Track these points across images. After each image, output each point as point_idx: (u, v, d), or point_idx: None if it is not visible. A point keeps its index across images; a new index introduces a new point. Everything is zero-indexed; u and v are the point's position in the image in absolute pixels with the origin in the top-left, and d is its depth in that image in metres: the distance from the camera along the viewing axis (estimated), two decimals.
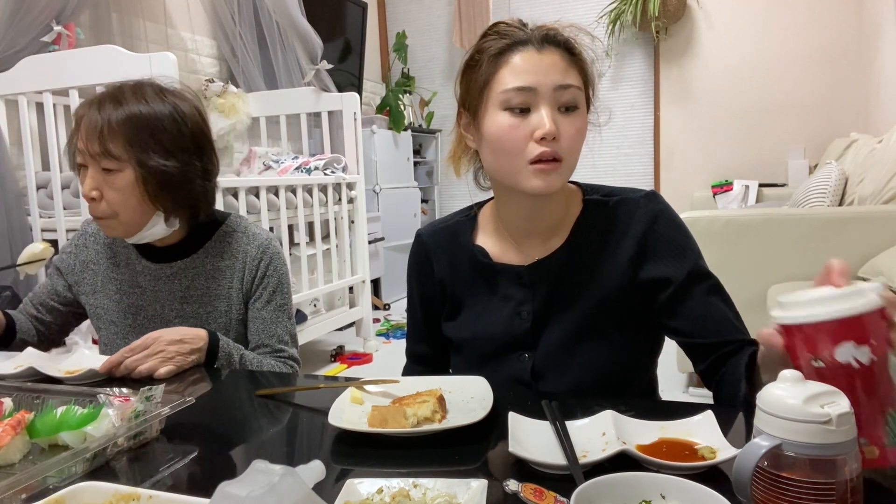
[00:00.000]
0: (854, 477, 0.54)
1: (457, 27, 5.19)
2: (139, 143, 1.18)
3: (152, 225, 1.25)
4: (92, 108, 1.18)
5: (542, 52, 0.94)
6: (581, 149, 0.98)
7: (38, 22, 2.36)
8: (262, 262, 1.33)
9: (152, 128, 1.19)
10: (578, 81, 0.96)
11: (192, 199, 1.27)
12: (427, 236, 1.16)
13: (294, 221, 3.04)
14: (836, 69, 4.37)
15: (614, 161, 5.00)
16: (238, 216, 1.40)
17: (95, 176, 1.20)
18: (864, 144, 3.20)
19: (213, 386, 1.12)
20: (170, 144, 1.20)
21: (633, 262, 1.01)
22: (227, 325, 1.32)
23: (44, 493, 0.64)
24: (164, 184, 1.21)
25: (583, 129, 0.97)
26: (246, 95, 3.52)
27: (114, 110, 1.17)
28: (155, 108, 1.19)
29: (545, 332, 1.04)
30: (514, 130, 0.94)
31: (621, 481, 0.59)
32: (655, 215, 1.01)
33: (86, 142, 1.18)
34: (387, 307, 4.57)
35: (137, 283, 1.33)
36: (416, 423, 0.80)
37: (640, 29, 4.71)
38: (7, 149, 2.37)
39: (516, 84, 0.93)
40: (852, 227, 2.43)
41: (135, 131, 1.17)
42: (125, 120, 1.17)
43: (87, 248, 1.38)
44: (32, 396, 0.89)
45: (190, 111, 1.24)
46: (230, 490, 0.53)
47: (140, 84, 1.23)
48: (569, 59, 0.96)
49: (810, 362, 0.62)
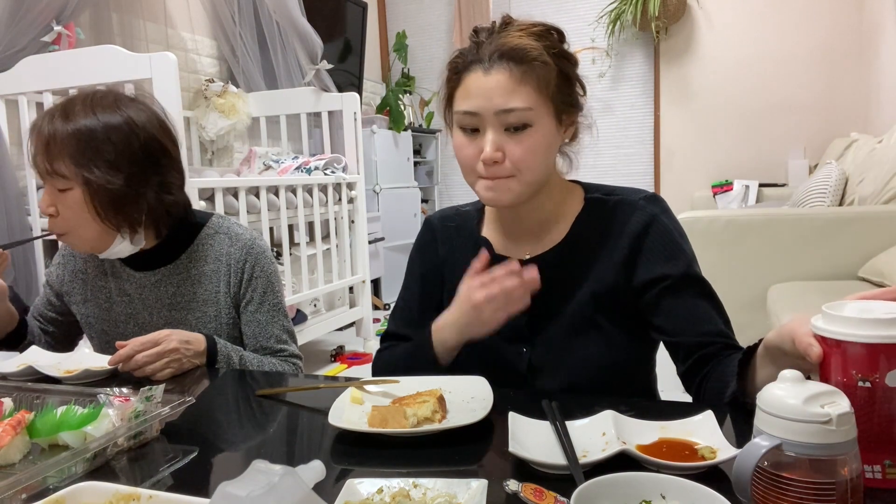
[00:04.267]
0: (854, 477, 0.54)
1: (457, 27, 5.19)
2: (83, 159, 1.12)
3: (117, 243, 1.21)
4: (44, 122, 1.14)
5: (488, 74, 0.94)
6: (541, 159, 0.97)
7: (38, 22, 2.36)
8: (247, 265, 1.29)
9: (97, 142, 1.13)
10: (529, 100, 0.93)
11: (149, 215, 1.21)
12: (436, 221, 1.19)
13: (294, 221, 3.04)
14: (836, 69, 4.37)
15: (614, 161, 4.99)
16: (220, 216, 1.36)
17: (51, 192, 1.16)
18: (864, 144, 3.20)
19: (213, 386, 1.12)
20: (116, 159, 1.14)
21: (626, 264, 1.01)
22: (217, 329, 1.29)
23: (44, 493, 0.64)
24: (113, 201, 1.15)
25: (535, 144, 0.95)
26: (246, 95, 3.52)
27: (62, 124, 1.13)
28: (102, 121, 1.14)
29: (543, 327, 1.04)
30: (466, 149, 0.98)
31: (621, 481, 0.59)
32: (651, 219, 1.02)
33: (36, 158, 1.14)
34: (387, 307, 4.57)
35: (125, 292, 1.31)
36: (416, 423, 0.80)
37: (640, 29, 4.71)
38: (7, 149, 2.37)
39: (464, 108, 0.97)
40: (852, 227, 2.43)
41: (79, 147, 1.12)
42: (70, 135, 1.12)
43: (74, 259, 1.36)
44: (32, 396, 0.89)
45: (146, 121, 1.18)
46: (230, 490, 0.53)
47: (96, 94, 1.18)
48: (520, 76, 0.93)
49: (856, 381, 0.60)
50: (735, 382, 0.84)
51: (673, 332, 0.99)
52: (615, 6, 4.76)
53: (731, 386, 0.85)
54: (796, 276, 2.47)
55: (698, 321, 0.98)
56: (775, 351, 0.76)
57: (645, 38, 4.82)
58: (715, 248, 2.54)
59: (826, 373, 0.63)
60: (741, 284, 2.53)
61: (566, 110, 0.99)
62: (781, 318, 2.04)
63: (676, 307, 0.99)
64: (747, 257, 2.56)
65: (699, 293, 0.99)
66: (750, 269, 2.55)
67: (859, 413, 0.58)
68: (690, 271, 1.00)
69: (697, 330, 0.97)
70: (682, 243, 1.02)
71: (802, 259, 2.48)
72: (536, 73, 0.94)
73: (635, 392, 1.07)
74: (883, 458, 0.60)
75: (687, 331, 0.98)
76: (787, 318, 2.00)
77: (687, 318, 0.98)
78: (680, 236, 1.03)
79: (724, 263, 2.54)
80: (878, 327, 0.59)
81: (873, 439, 0.60)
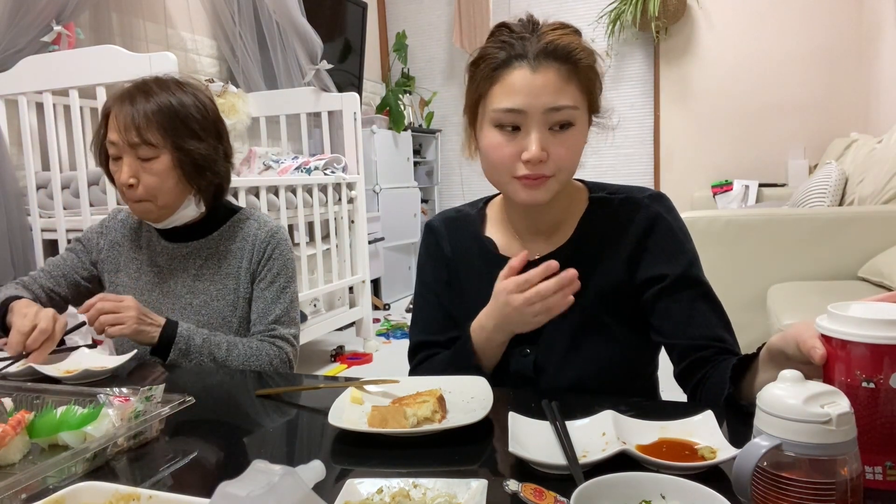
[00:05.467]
0: (854, 477, 0.54)
1: (457, 27, 5.19)
2: (173, 129, 1.28)
3: (185, 207, 1.35)
4: (124, 104, 1.28)
5: (536, 71, 0.93)
6: (578, 158, 0.98)
7: (38, 22, 2.36)
8: (269, 246, 1.41)
9: (182, 115, 1.30)
10: (575, 98, 0.94)
11: (218, 179, 1.38)
12: (438, 223, 1.18)
13: (294, 221, 3.04)
14: (836, 69, 4.37)
15: (614, 161, 5.00)
16: (252, 209, 1.53)
17: (132, 164, 1.28)
18: (864, 144, 3.20)
19: (213, 386, 1.12)
20: (199, 129, 1.32)
21: (630, 262, 1.02)
22: (234, 302, 1.38)
23: (44, 493, 0.63)
24: (198, 165, 1.32)
25: (576, 144, 0.97)
26: (246, 95, 3.52)
27: (146, 102, 1.27)
28: (181, 98, 1.31)
29: (548, 328, 1.02)
30: (503, 148, 0.95)
31: (621, 481, 0.59)
32: (655, 218, 1.02)
33: (123, 134, 1.27)
34: (387, 307, 4.57)
35: (156, 263, 1.42)
36: (416, 423, 0.80)
37: (640, 29, 4.71)
38: (7, 149, 2.37)
39: (507, 105, 0.94)
40: (852, 227, 2.44)
41: (168, 119, 1.28)
42: (157, 110, 1.27)
43: (114, 231, 1.47)
44: (32, 396, 0.89)
45: (207, 100, 1.37)
46: (230, 490, 0.53)
47: (159, 78, 1.34)
48: (567, 74, 0.94)
49: (860, 382, 0.60)
50: (729, 387, 0.84)
51: (668, 334, 0.99)
52: (615, 6, 4.76)
53: (726, 392, 0.84)
54: (796, 276, 2.47)
55: (694, 324, 0.97)
56: (778, 354, 0.75)
57: (645, 38, 4.82)
58: (715, 248, 2.54)
59: (830, 373, 0.63)
60: (741, 284, 2.53)
61: (596, 110, 1.01)
62: (781, 318, 2.04)
63: (672, 308, 0.98)
64: (747, 257, 2.56)
65: (697, 295, 0.99)
66: (750, 269, 2.55)
67: (862, 414, 0.58)
68: (690, 272, 0.99)
69: (692, 333, 0.97)
70: (684, 242, 1.02)
71: (802, 259, 2.48)
72: (581, 73, 0.95)
73: (638, 391, 1.07)
74: (884, 459, 0.60)
75: (681, 333, 0.98)
76: (787, 317, 2.01)
77: (682, 321, 0.98)
78: (683, 235, 1.02)
79: (724, 263, 2.54)
80: (884, 328, 0.59)
81: (875, 441, 0.60)
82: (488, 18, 5.00)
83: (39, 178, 2.42)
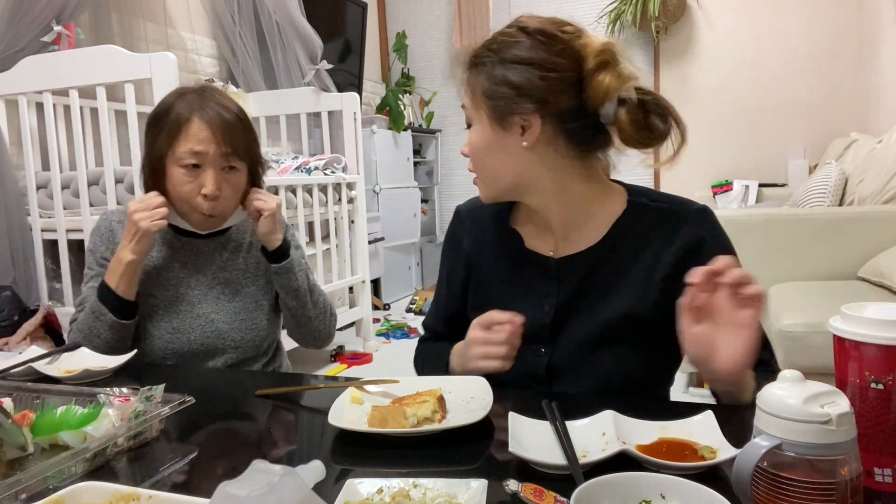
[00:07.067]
0: (854, 477, 0.53)
1: (457, 27, 5.19)
2: (251, 140, 1.29)
3: (238, 214, 1.35)
4: (203, 110, 1.23)
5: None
6: (483, 160, 1.00)
7: (38, 22, 2.36)
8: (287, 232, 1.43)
9: (249, 126, 1.30)
10: (468, 100, 0.99)
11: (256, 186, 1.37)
12: (465, 212, 1.17)
13: (294, 221, 3.04)
14: (836, 69, 4.37)
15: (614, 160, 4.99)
16: None
17: (218, 175, 1.25)
18: (864, 144, 3.20)
19: (213, 386, 1.12)
20: (257, 140, 1.33)
21: (666, 283, 0.96)
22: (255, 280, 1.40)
23: (44, 493, 0.63)
24: (255, 175, 1.34)
25: (475, 142, 0.99)
26: (246, 95, 3.52)
27: (223, 111, 1.24)
28: (237, 109, 1.28)
29: (566, 329, 1.01)
30: None
31: (621, 481, 0.59)
32: (700, 242, 0.97)
33: (218, 143, 1.23)
34: (387, 307, 4.57)
35: (178, 259, 1.38)
36: (416, 423, 0.80)
37: (640, 29, 4.70)
38: (7, 149, 2.37)
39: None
40: (852, 227, 2.43)
41: (245, 130, 1.28)
42: (235, 120, 1.26)
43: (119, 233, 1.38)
44: (32, 396, 0.89)
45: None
46: (230, 490, 0.53)
47: (210, 88, 1.31)
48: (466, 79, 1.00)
49: (869, 382, 0.60)
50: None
51: None
52: (615, 6, 4.75)
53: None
54: (796, 276, 2.47)
55: None
56: (709, 375, 0.84)
57: (645, 38, 4.82)
58: None
59: (841, 373, 0.63)
60: None
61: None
62: (781, 318, 2.04)
63: None
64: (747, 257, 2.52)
65: None
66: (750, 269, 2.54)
67: (871, 415, 0.58)
68: None
69: None
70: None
71: (802, 259, 2.48)
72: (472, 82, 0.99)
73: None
74: (894, 461, 0.60)
75: None
76: (787, 317, 2.01)
77: None
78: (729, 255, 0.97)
79: None
80: (894, 329, 0.59)
81: (885, 442, 0.59)
82: (488, 18, 5.01)
83: (39, 178, 2.42)
